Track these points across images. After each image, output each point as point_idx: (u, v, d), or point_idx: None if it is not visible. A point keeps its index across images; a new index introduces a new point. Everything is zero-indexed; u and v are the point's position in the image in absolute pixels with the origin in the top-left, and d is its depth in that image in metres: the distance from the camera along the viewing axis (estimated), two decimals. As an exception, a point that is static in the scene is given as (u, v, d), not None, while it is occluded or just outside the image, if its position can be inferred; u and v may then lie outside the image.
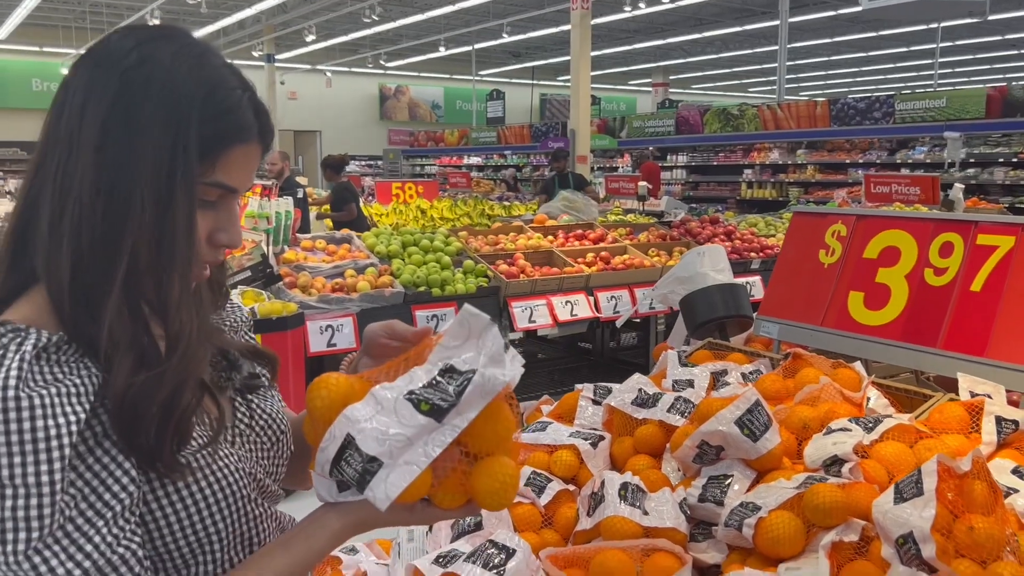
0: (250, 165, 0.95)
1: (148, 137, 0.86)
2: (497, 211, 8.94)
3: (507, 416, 0.87)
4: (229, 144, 0.90)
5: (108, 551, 0.83)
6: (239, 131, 0.91)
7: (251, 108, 0.93)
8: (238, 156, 0.92)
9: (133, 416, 0.84)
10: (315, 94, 24.76)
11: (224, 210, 0.93)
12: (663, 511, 1.47)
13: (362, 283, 4.94)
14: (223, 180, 0.90)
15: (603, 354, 6.67)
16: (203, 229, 0.91)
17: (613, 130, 17.66)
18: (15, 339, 0.81)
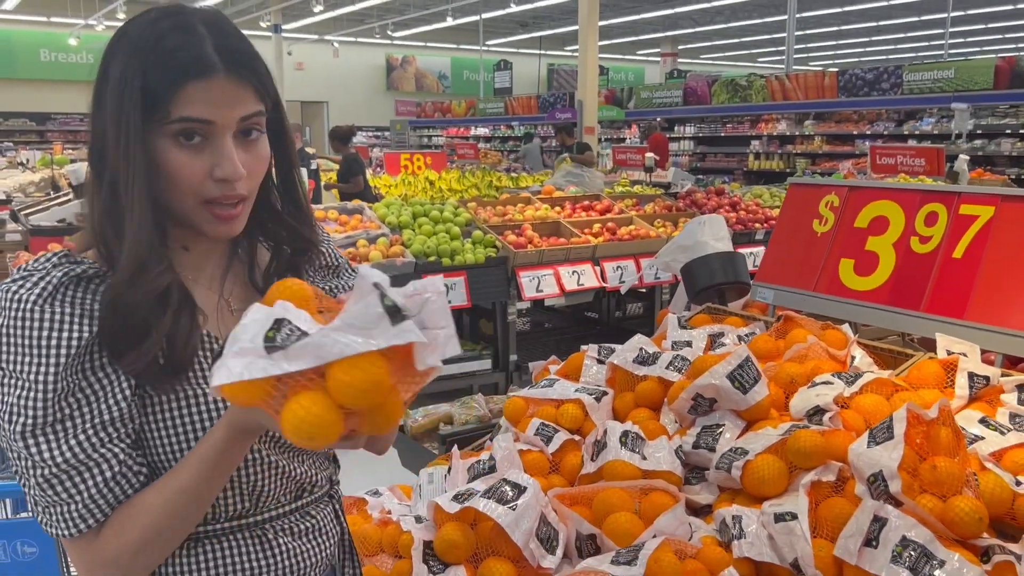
0: (218, 97, 0.99)
1: (112, 94, 0.98)
2: (505, 182, 9.04)
3: (373, 377, 0.83)
4: (182, 80, 0.97)
5: (91, 449, 0.96)
6: (190, 66, 0.97)
7: (211, 45, 0.99)
8: (197, 90, 0.97)
9: (110, 324, 0.96)
10: (322, 65, 24.73)
11: (215, 146, 1.00)
12: (660, 456, 1.61)
13: (374, 253, 5.08)
14: (189, 114, 0.97)
15: (609, 323, 6.82)
16: (198, 167, 0.99)
17: (621, 101, 17.65)
18: (59, 265, 0.97)
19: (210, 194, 1.01)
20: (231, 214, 1.03)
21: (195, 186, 1.00)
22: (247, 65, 1.02)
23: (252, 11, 19.95)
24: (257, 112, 1.02)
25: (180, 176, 0.99)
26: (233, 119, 1.00)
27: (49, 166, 10.27)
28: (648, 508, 1.47)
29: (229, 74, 0.99)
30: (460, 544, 1.43)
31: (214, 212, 1.02)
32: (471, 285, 5.24)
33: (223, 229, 1.04)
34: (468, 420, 2.28)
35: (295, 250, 1.16)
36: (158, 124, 0.98)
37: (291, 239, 1.15)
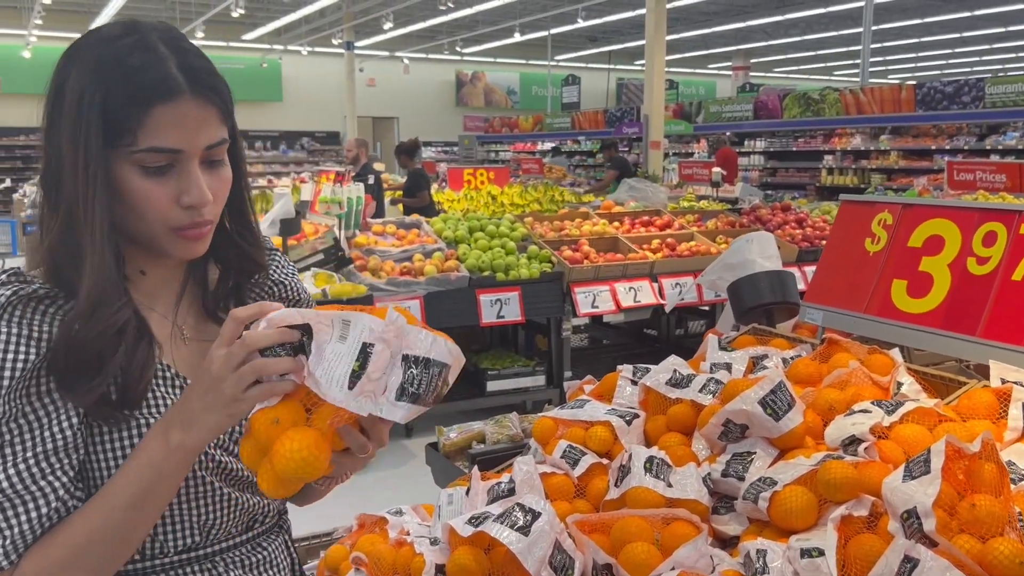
0: (185, 122, 0.96)
1: (68, 116, 0.95)
2: (567, 197, 9.00)
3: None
4: (148, 103, 0.93)
5: (29, 480, 0.91)
6: (156, 88, 0.93)
7: (175, 65, 0.95)
8: (164, 115, 0.94)
9: (63, 357, 0.92)
10: (393, 81, 25.16)
11: (182, 173, 0.97)
12: (686, 484, 1.55)
13: (429, 267, 5.10)
14: (157, 144, 0.94)
15: (669, 341, 6.70)
16: (165, 195, 0.96)
17: (689, 115, 17.45)
18: (7, 284, 0.94)
19: (178, 221, 0.99)
20: (199, 233, 1.02)
21: (162, 214, 0.98)
22: (211, 85, 0.99)
23: (325, 29, 20.44)
24: (222, 141, 1.01)
25: (146, 205, 0.97)
26: (199, 146, 0.98)
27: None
28: (668, 538, 1.41)
29: (195, 95, 0.96)
30: (472, 569, 1.39)
31: (182, 234, 1.01)
32: (525, 300, 5.22)
33: (191, 249, 1.03)
34: (500, 439, 2.25)
35: (242, 272, 1.14)
36: (122, 150, 0.94)
37: (240, 261, 1.13)
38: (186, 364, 1.07)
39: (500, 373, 5.40)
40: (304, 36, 21.03)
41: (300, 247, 4.93)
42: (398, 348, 0.90)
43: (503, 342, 6.27)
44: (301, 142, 23.63)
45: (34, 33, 18.60)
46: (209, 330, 1.12)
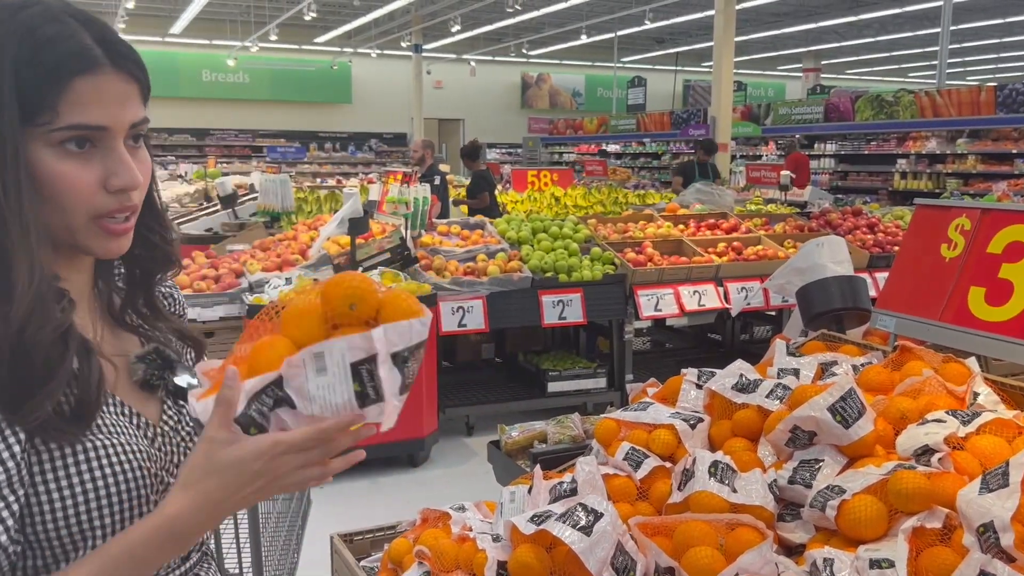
0: (109, 96, 0.87)
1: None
2: (631, 199, 8.95)
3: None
4: (67, 77, 0.84)
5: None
6: (74, 60, 0.85)
7: (90, 37, 0.87)
8: (85, 89, 0.85)
9: (7, 369, 0.81)
10: (459, 83, 25.37)
11: (108, 153, 0.88)
12: (751, 490, 1.53)
13: (492, 267, 5.13)
14: (80, 120, 0.85)
15: (734, 346, 6.61)
16: (89, 178, 0.87)
17: (757, 117, 17.16)
18: None
19: (104, 207, 0.89)
20: (124, 228, 0.92)
21: (86, 200, 0.87)
22: (131, 58, 0.90)
23: (394, 31, 20.72)
24: (144, 119, 0.92)
25: (69, 190, 0.86)
26: (124, 123, 0.89)
27: (203, 178, 11.00)
28: (733, 544, 1.40)
29: (116, 69, 0.88)
30: (534, 567, 1.40)
31: (106, 227, 0.90)
32: (588, 302, 5.21)
33: (115, 245, 0.92)
34: (562, 439, 2.25)
35: (152, 271, 1.04)
36: (39, 130, 0.84)
37: (150, 257, 1.03)
38: (109, 382, 0.95)
39: (561, 374, 5.40)
40: (373, 39, 21.36)
41: (367, 246, 5.02)
42: (387, 352, 0.84)
43: (564, 343, 6.26)
44: (369, 143, 24.02)
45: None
46: (121, 340, 1.01)
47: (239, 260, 5.34)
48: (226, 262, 5.31)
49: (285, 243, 5.61)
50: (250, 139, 22.84)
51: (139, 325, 1.03)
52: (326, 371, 0.81)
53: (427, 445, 4.79)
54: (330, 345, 0.82)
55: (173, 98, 22.39)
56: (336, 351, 0.81)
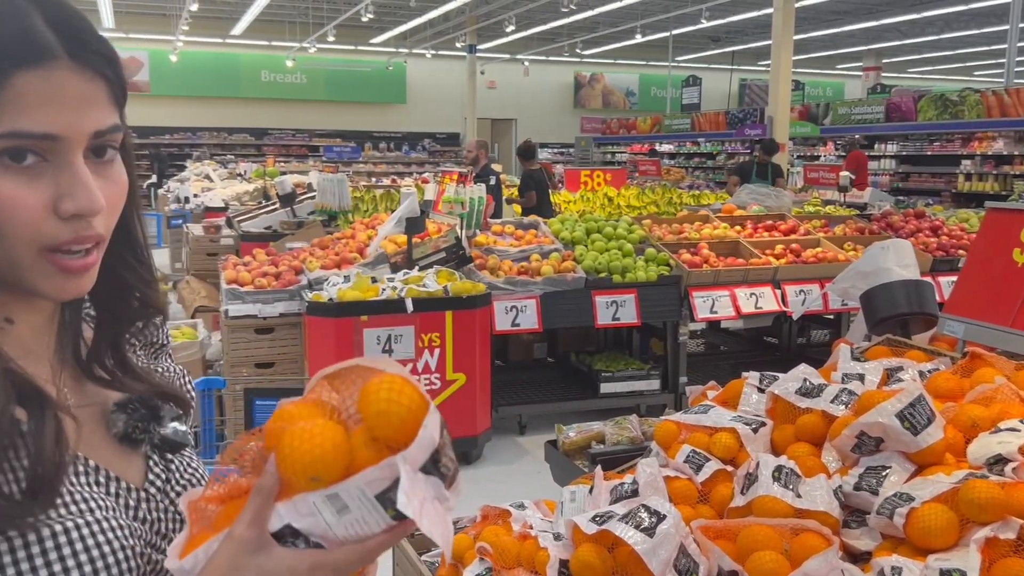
0: (62, 96, 0.68)
1: None
2: (686, 199, 8.89)
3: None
4: (6, 69, 0.65)
5: None
6: (17, 48, 0.66)
7: (42, 20, 0.68)
8: (28, 86, 0.66)
9: None
10: (512, 83, 25.44)
11: (61, 169, 0.69)
12: (816, 495, 1.51)
13: (546, 267, 5.14)
14: (22, 126, 0.66)
15: (790, 350, 6.51)
16: (35, 200, 0.68)
17: (816, 117, 16.85)
18: None
19: (55, 237, 0.70)
20: (83, 264, 0.72)
21: (31, 228, 0.68)
22: (96, 50, 0.70)
23: (449, 32, 20.86)
24: (114, 126, 0.73)
25: (11, 215, 0.67)
26: (84, 132, 0.70)
27: (262, 177, 11.24)
28: (798, 549, 1.39)
29: (74, 61, 0.68)
30: (596, 567, 1.41)
31: (59, 263, 0.71)
32: (642, 303, 5.19)
33: (72, 286, 0.73)
34: (620, 441, 2.25)
35: (124, 317, 0.84)
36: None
37: (125, 303, 0.83)
38: (77, 439, 0.76)
39: (614, 375, 5.38)
40: (428, 39, 21.54)
41: (424, 245, 5.07)
42: (414, 470, 0.70)
43: (616, 344, 6.24)
44: (422, 143, 24.25)
45: (180, 39, 19.81)
46: (88, 392, 0.82)
47: (298, 258, 5.44)
48: (286, 259, 5.42)
49: (343, 241, 5.70)
50: (307, 139, 23.24)
51: (109, 381, 0.83)
52: (349, 510, 0.68)
53: (480, 443, 4.83)
54: (344, 487, 0.68)
55: (233, 98, 22.90)
56: (353, 489, 0.68)
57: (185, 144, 21.87)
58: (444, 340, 4.53)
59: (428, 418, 0.71)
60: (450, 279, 4.73)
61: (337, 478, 0.68)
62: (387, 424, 0.69)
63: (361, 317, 4.37)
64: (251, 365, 4.80)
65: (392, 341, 4.44)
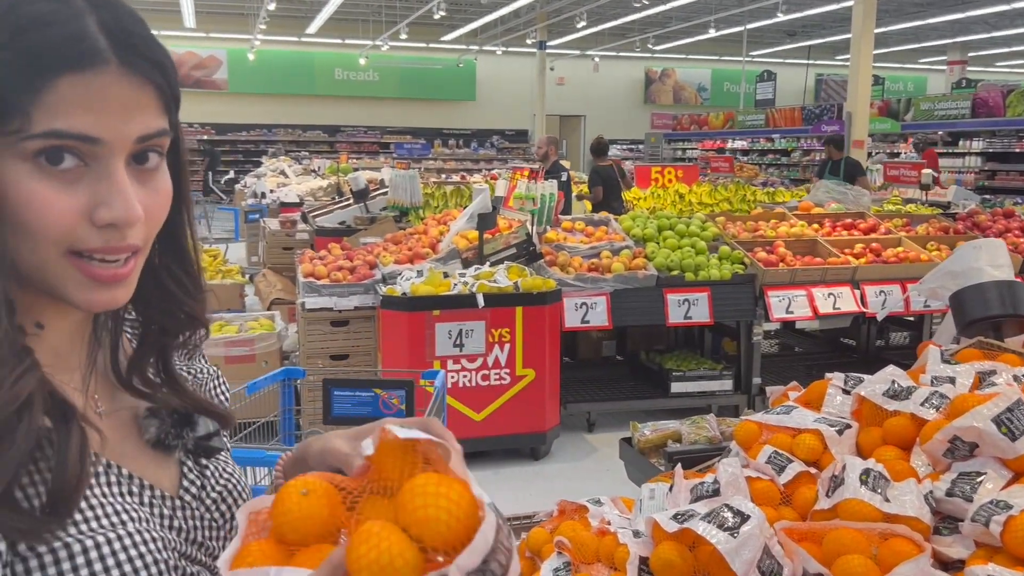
0: (107, 101, 0.66)
1: None
2: (760, 197, 8.71)
3: None
4: (52, 71, 0.64)
5: None
6: (59, 54, 0.64)
7: (96, 22, 0.66)
8: (72, 90, 0.65)
9: None
10: (582, 79, 25.34)
11: (99, 175, 0.67)
12: (905, 500, 1.47)
13: (616, 264, 5.11)
14: (61, 127, 0.64)
15: (868, 352, 6.33)
16: (69, 206, 0.66)
17: (896, 112, 16.32)
18: None
19: (86, 244, 0.68)
20: (115, 274, 0.70)
21: (62, 233, 0.67)
22: (148, 55, 0.69)
23: (519, 29, 20.89)
24: (160, 131, 0.71)
25: (40, 217, 0.66)
26: (128, 137, 0.68)
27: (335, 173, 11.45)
28: (887, 555, 1.35)
29: (124, 67, 0.67)
30: (677, 565, 1.40)
31: (87, 269, 0.68)
32: (715, 302, 5.11)
33: (103, 296, 0.70)
34: (697, 440, 2.23)
35: (169, 330, 0.82)
36: (9, 138, 0.65)
37: (171, 316, 0.81)
38: (109, 446, 0.76)
39: (685, 375, 5.32)
40: (499, 36, 21.61)
41: (494, 241, 5.10)
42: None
43: (687, 343, 6.17)
44: (491, 140, 24.36)
45: (258, 37, 20.32)
46: (120, 398, 0.81)
47: (372, 252, 5.53)
48: (360, 254, 5.51)
49: (416, 237, 5.77)
50: (378, 136, 23.58)
51: (147, 393, 0.81)
52: None
53: (548, 439, 4.83)
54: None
55: (308, 96, 23.38)
56: None
57: (261, 141, 22.44)
58: (514, 335, 4.55)
59: (484, 523, 0.64)
60: (520, 275, 4.75)
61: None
62: (436, 533, 0.63)
63: (433, 311, 4.42)
64: (326, 357, 4.90)
65: (463, 336, 4.48)
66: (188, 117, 21.64)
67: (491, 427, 4.58)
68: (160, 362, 0.83)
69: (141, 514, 0.74)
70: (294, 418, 3.11)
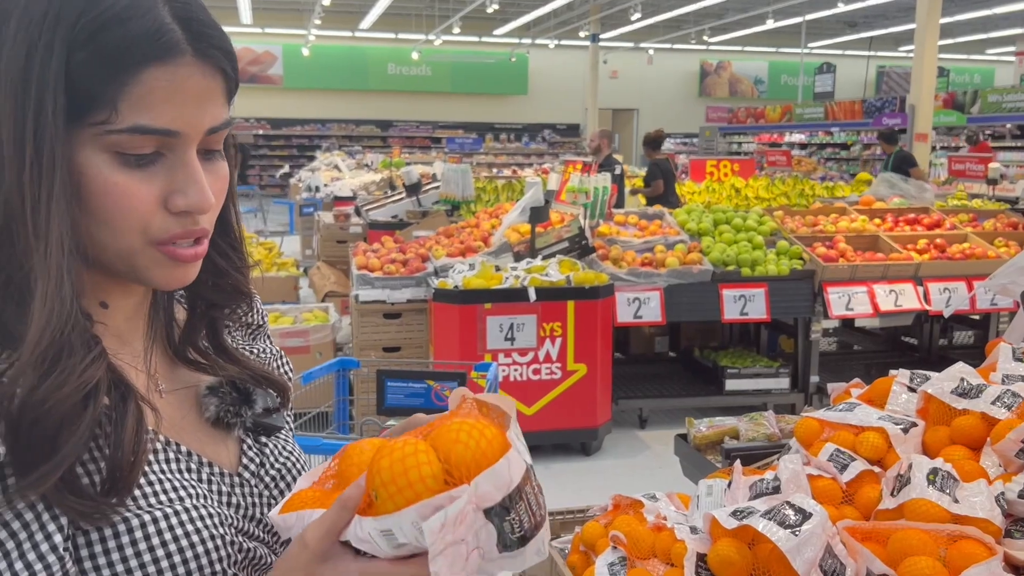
0: (185, 93, 0.68)
1: (7, 81, 0.65)
2: (818, 191, 8.53)
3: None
4: (131, 67, 0.65)
5: None
6: (143, 45, 0.65)
7: (169, 13, 0.67)
8: (156, 83, 0.66)
9: (10, 437, 0.63)
10: (635, 72, 25.12)
11: (175, 165, 0.70)
12: (975, 501, 1.42)
13: (671, 259, 5.05)
14: (146, 122, 0.66)
15: (931, 351, 6.16)
16: (149, 194, 0.69)
17: (962, 105, 15.82)
18: None
19: (163, 231, 0.71)
20: (194, 253, 0.74)
21: (141, 221, 0.69)
22: (220, 45, 0.71)
23: (573, 21, 20.79)
24: (226, 122, 0.74)
25: (122, 209, 0.68)
26: (201, 128, 0.71)
27: (388, 168, 11.55)
28: (956, 557, 1.30)
29: (198, 57, 0.69)
30: (736, 562, 1.37)
31: (171, 252, 0.72)
32: (772, 298, 5.02)
33: (180, 275, 0.74)
34: (755, 437, 2.18)
35: (217, 304, 0.85)
36: (92, 130, 0.66)
37: (218, 289, 0.84)
38: (169, 424, 0.78)
39: (740, 372, 5.24)
40: (552, 29, 21.54)
41: (547, 234, 5.08)
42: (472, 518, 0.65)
43: (743, 340, 6.07)
44: (542, 134, 24.31)
45: (313, 32, 20.58)
46: (180, 376, 0.83)
47: (425, 246, 5.56)
48: (412, 247, 5.55)
49: (468, 230, 5.79)
50: (430, 130, 23.73)
51: (203, 364, 0.85)
52: (407, 546, 0.66)
53: (600, 435, 4.80)
54: (396, 519, 0.65)
55: (361, 91, 23.62)
56: (406, 520, 0.65)
57: (315, 136, 22.75)
58: (565, 330, 4.53)
59: (510, 456, 0.65)
60: (573, 269, 4.72)
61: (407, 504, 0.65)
62: (460, 457, 0.66)
63: (485, 304, 4.43)
64: (379, 348, 4.95)
65: (514, 329, 4.47)
66: (244, 112, 22.06)
67: (542, 421, 4.57)
68: (211, 335, 0.86)
69: (199, 490, 0.76)
70: (348, 408, 3.14)
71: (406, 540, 0.65)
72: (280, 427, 0.87)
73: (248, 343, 0.93)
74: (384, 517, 0.66)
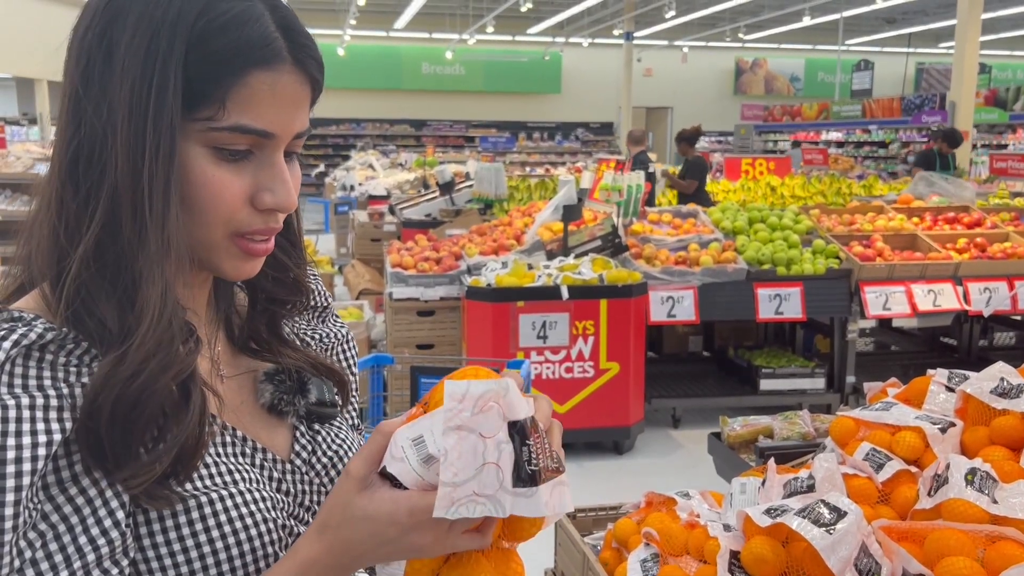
0: (283, 98, 0.73)
1: (126, 74, 0.69)
2: (856, 190, 8.43)
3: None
4: (240, 69, 0.70)
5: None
6: (252, 51, 0.70)
7: (272, 21, 0.72)
8: (260, 86, 0.71)
9: (108, 426, 0.66)
10: (669, 70, 24.96)
11: (264, 164, 0.74)
12: (1015, 503, 1.40)
13: (705, 257, 5.02)
14: (247, 121, 0.71)
15: (970, 352, 6.05)
16: (239, 190, 0.73)
17: (1004, 102, 15.51)
18: (8, 332, 0.66)
19: (247, 226, 0.75)
20: (266, 248, 0.78)
21: (229, 214, 0.74)
22: (313, 55, 0.76)
23: (607, 20, 20.72)
24: (308, 128, 0.79)
25: (216, 201, 0.72)
26: (291, 132, 0.76)
27: (422, 167, 11.62)
28: (994, 558, 1.29)
29: (295, 65, 0.74)
30: (769, 560, 1.37)
31: (247, 247, 0.76)
32: (807, 297, 4.97)
33: (249, 267, 0.79)
34: (789, 436, 2.17)
35: (277, 299, 0.88)
36: (199, 124, 0.71)
37: (279, 283, 0.88)
38: (227, 409, 0.81)
39: (775, 372, 5.19)
40: (586, 28, 21.48)
41: (579, 232, 5.08)
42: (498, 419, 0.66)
43: (777, 339, 6.02)
44: (575, 133, 24.26)
45: (348, 32, 20.73)
46: (240, 362, 0.87)
47: (458, 244, 5.58)
48: (446, 245, 5.58)
49: (500, 228, 5.80)
50: (463, 129, 23.79)
51: (263, 352, 0.88)
52: (436, 463, 0.67)
53: (633, 434, 4.79)
54: (428, 421, 0.67)
55: (395, 90, 23.76)
56: (437, 423, 0.66)
57: (350, 135, 22.93)
58: (598, 328, 4.53)
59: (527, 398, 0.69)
60: (605, 267, 4.72)
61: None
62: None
63: (517, 303, 4.44)
64: (412, 346, 4.99)
65: (547, 327, 4.48)
66: (281, 112, 22.21)
67: (574, 420, 4.58)
68: (270, 327, 0.88)
69: (252, 475, 0.79)
70: (382, 404, 3.17)
71: (436, 451, 0.66)
72: (333, 416, 0.90)
73: (312, 327, 0.96)
74: (417, 421, 0.68)
